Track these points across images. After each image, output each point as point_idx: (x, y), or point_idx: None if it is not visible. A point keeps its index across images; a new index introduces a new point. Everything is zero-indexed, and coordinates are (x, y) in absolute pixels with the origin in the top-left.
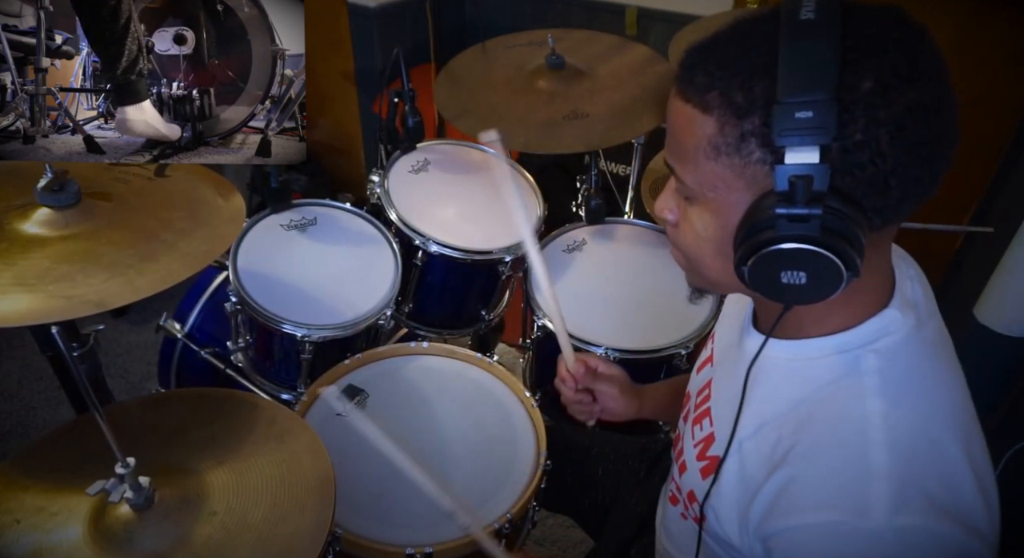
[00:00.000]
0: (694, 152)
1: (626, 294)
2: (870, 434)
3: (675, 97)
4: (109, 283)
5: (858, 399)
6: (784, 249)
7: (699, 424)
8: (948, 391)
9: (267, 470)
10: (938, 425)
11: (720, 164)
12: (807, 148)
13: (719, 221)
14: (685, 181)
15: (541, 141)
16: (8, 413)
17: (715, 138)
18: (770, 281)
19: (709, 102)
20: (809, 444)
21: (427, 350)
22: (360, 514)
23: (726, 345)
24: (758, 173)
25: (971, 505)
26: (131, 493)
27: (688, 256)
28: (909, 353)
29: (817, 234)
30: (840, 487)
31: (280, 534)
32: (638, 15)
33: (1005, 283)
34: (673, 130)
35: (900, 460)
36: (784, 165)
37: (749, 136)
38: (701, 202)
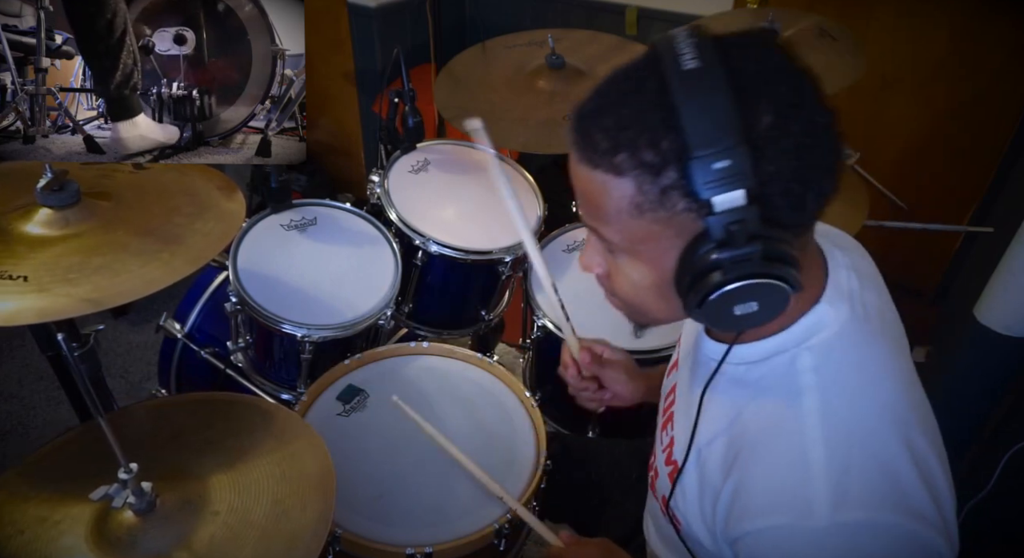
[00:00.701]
0: (616, 213)
1: None
2: (807, 433)
3: (579, 164)
4: (109, 282)
5: (795, 398)
6: (734, 289)
7: (665, 430)
8: (886, 381)
9: (267, 468)
10: (874, 417)
11: (645, 220)
12: (732, 194)
13: (654, 269)
14: (611, 240)
15: (541, 141)
16: (8, 413)
17: (635, 198)
18: (725, 317)
19: (620, 165)
20: (754, 447)
21: (427, 350)
22: (360, 514)
23: (687, 351)
24: (686, 221)
25: (914, 494)
26: (134, 498)
27: (628, 302)
28: (844, 346)
29: (760, 267)
30: (783, 489)
31: (283, 530)
32: (638, 15)
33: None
34: (586, 196)
35: (837, 456)
36: (715, 216)
37: (669, 190)
38: (631, 254)
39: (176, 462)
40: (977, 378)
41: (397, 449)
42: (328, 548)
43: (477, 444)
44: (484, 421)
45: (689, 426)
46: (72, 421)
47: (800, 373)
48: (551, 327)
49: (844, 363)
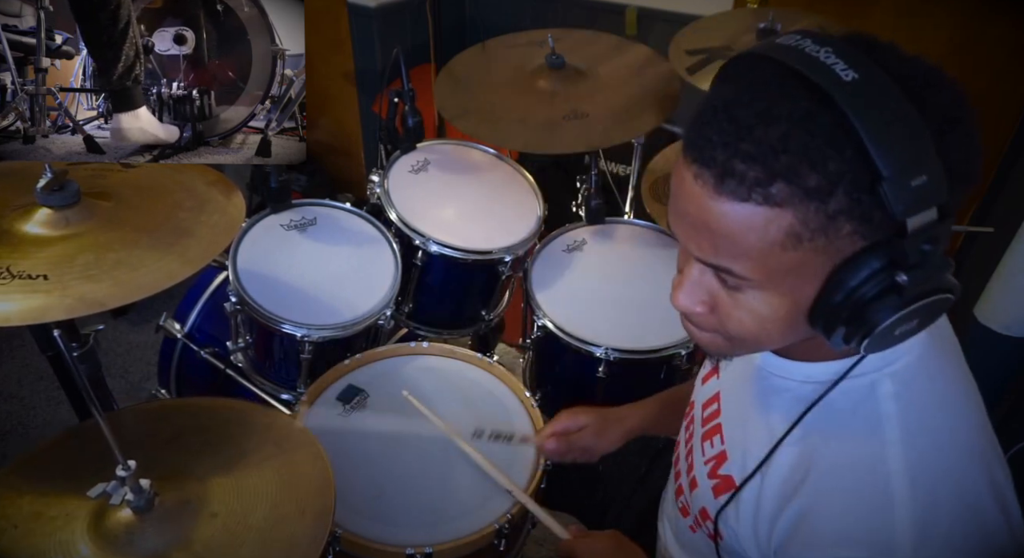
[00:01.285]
0: (762, 248)
1: (626, 294)
2: (890, 465)
3: (715, 199)
4: (109, 283)
5: (876, 427)
6: (915, 309)
7: (709, 441)
8: (967, 412)
9: (267, 473)
10: (957, 451)
11: (800, 251)
12: (926, 213)
13: (791, 299)
14: (751, 277)
15: (541, 141)
16: (8, 413)
17: (794, 229)
18: (886, 341)
19: (777, 195)
20: (827, 472)
21: (427, 350)
22: (360, 514)
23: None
24: (844, 244)
25: (995, 532)
26: (132, 495)
27: (744, 340)
28: (926, 375)
29: (942, 282)
30: (863, 521)
31: (281, 535)
32: (638, 15)
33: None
34: (720, 231)
35: (921, 491)
36: (910, 237)
37: (837, 215)
38: (768, 288)
39: (175, 463)
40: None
41: (397, 449)
42: (328, 548)
43: (477, 444)
44: (484, 421)
45: (744, 440)
46: (72, 421)
47: (881, 400)
48: (551, 327)
49: (926, 392)
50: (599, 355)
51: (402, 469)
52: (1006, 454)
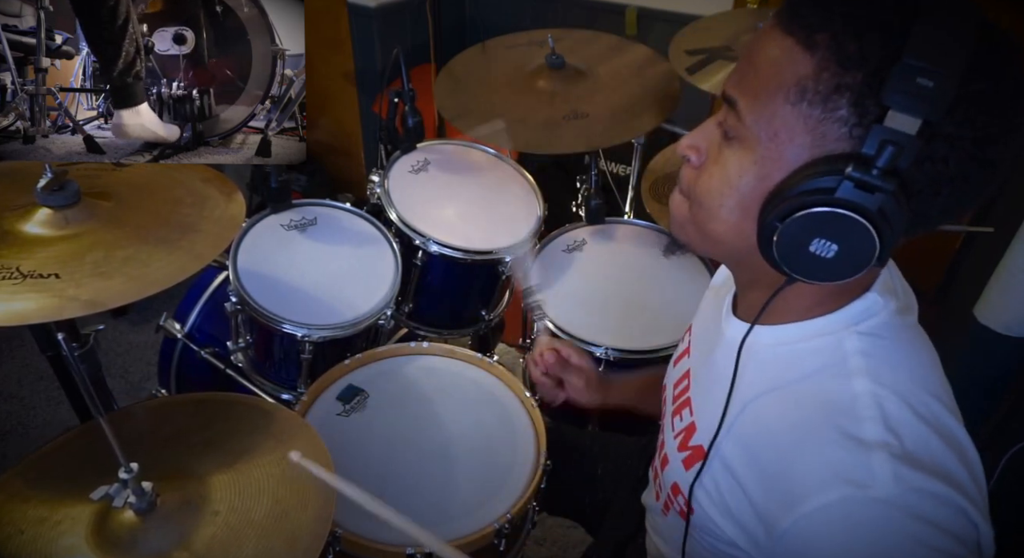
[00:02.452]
0: (774, 89)
1: (626, 294)
2: (860, 412)
3: (774, 28)
4: (109, 283)
5: (844, 380)
6: (838, 214)
7: (679, 415)
8: (928, 370)
9: (267, 468)
10: (928, 398)
11: (797, 111)
12: (910, 117)
13: (760, 172)
14: (745, 119)
15: (541, 141)
16: (8, 413)
17: (806, 81)
18: (797, 246)
19: (817, 41)
20: (800, 428)
21: (427, 350)
22: (360, 514)
23: (704, 336)
24: (830, 132)
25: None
26: (134, 498)
27: (702, 203)
28: (892, 336)
29: (875, 209)
30: (838, 464)
31: (283, 530)
32: (638, 15)
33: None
34: (756, 60)
35: (892, 434)
36: (881, 126)
37: (844, 90)
38: (747, 146)
39: (176, 462)
40: (977, 378)
41: (397, 449)
42: (328, 548)
43: (477, 444)
44: (484, 421)
45: (713, 407)
46: (72, 421)
47: (849, 355)
48: (551, 327)
49: (893, 351)
50: (599, 355)
51: (402, 469)
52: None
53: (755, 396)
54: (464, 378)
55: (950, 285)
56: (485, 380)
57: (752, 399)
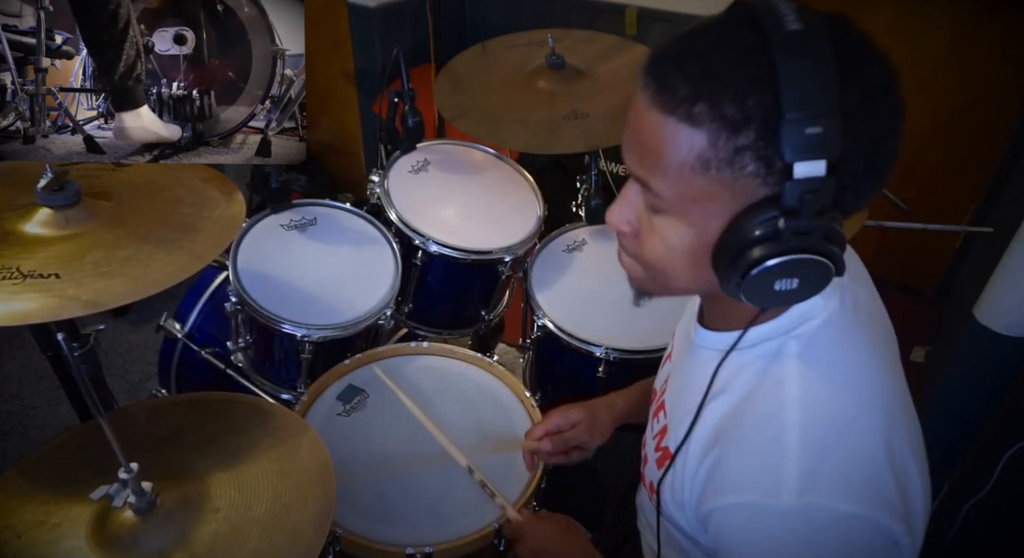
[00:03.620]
0: (678, 166)
1: (626, 294)
2: (785, 417)
3: (649, 109)
4: (109, 283)
5: (778, 385)
6: (789, 261)
7: (656, 417)
8: (869, 373)
9: (266, 465)
10: (853, 406)
11: (707, 178)
12: (815, 163)
13: (696, 232)
14: (661, 195)
15: (541, 141)
16: (8, 413)
17: (706, 153)
18: (763, 290)
19: (697, 116)
20: (736, 428)
21: (427, 350)
22: (360, 514)
23: (680, 341)
24: (748, 186)
25: (882, 483)
26: (134, 498)
27: (652, 267)
28: (830, 336)
29: (820, 244)
30: (756, 469)
31: (285, 524)
32: (638, 15)
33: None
34: (648, 144)
35: (812, 441)
36: (792, 182)
37: (744, 150)
38: (676, 215)
39: (174, 461)
40: (977, 378)
41: (397, 449)
42: (328, 548)
43: (477, 444)
44: (484, 421)
45: (682, 415)
46: (72, 421)
47: (785, 359)
48: (551, 327)
49: (828, 352)
50: (599, 355)
51: (402, 469)
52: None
53: (710, 399)
54: (464, 378)
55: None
56: (485, 380)
57: (709, 402)
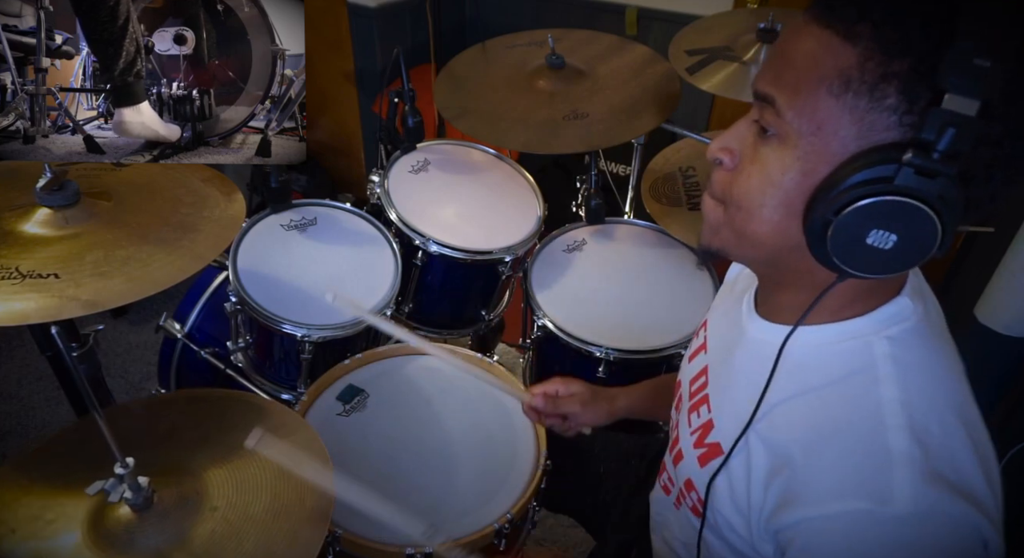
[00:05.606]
0: (815, 82)
1: (626, 294)
2: (887, 420)
3: (810, 23)
4: (122, 279)
5: (872, 386)
6: (899, 203)
7: (696, 412)
8: (957, 382)
9: (264, 464)
10: (949, 411)
11: (842, 102)
12: (968, 99)
13: (804, 168)
14: (784, 114)
15: (541, 141)
16: (8, 413)
17: (850, 71)
18: (853, 241)
19: (858, 32)
20: (824, 432)
21: None
22: (360, 514)
23: (722, 332)
24: (878, 122)
25: (982, 490)
26: (130, 493)
27: (740, 205)
28: (921, 341)
29: (938, 196)
30: (860, 474)
31: (283, 524)
32: (638, 15)
33: (1005, 283)
34: (792, 55)
35: (918, 445)
36: (940, 108)
37: (891, 78)
38: (788, 143)
39: (172, 459)
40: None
41: (397, 449)
42: (328, 548)
43: (477, 444)
44: (484, 421)
45: (732, 406)
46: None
47: (879, 361)
48: (551, 327)
49: (921, 357)
50: (599, 355)
51: (402, 469)
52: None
53: (782, 399)
54: (464, 378)
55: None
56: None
57: (779, 402)
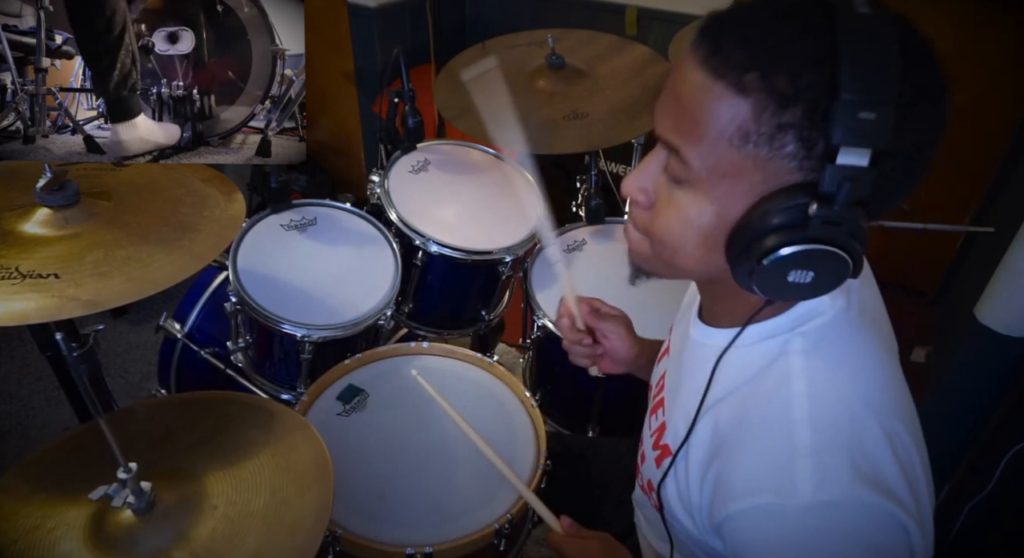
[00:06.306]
0: (715, 135)
1: (626, 294)
2: (794, 414)
3: (696, 70)
4: (109, 283)
5: (784, 381)
6: (815, 251)
7: (655, 414)
8: (873, 373)
9: (262, 460)
10: (859, 404)
11: (742, 153)
12: (860, 151)
13: (717, 210)
14: (690, 163)
15: (541, 141)
16: (8, 413)
17: (746, 124)
18: (776, 279)
19: (747, 84)
20: (741, 429)
21: (427, 350)
22: (360, 514)
23: (679, 337)
24: (781, 167)
25: (893, 479)
26: (133, 498)
27: (662, 242)
28: (835, 335)
29: (845, 239)
30: (767, 469)
31: (284, 518)
32: (638, 15)
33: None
34: (687, 105)
35: (822, 436)
36: (835, 165)
37: (787, 128)
38: (700, 189)
39: (170, 461)
40: (977, 378)
41: (397, 449)
42: (328, 548)
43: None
44: (484, 421)
45: (681, 413)
46: (72, 421)
47: (791, 356)
48: (551, 327)
49: (833, 350)
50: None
51: (402, 469)
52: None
53: (715, 401)
54: (464, 378)
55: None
56: (485, 380)
57: (712, 404)
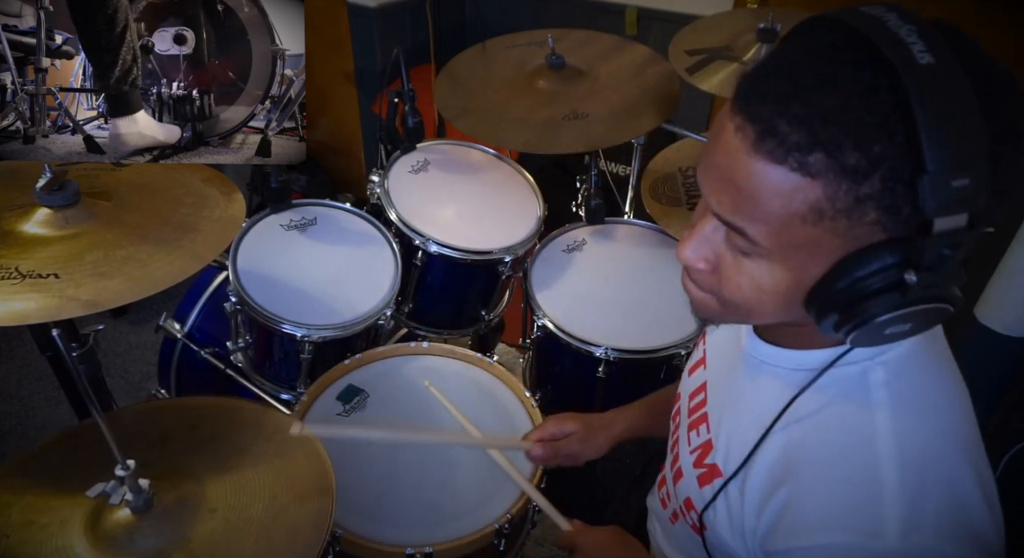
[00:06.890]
0: (787, 218)
1: (626, 294)
2: (879, 450)
3: (751, 155)
4: (109, 283)
5: (866, 413)
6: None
7: (695, 430)
8: (952, 403)
9: (262, 466)
10: (945, 440)
11: (819, 228)
12: (957, 217)
13: (795, 276)
14: (761, 243)
15: (541, 141)
16: (7, 413)
17: (819, 204)
18: (874, 334)
19: (812, 165)
20: (815, 459)
21: (427, 350)
22: (360, 514)
23: (722, 349)
24: (864, 232)
25: (980, 521)
26: (131, 495)
27: (734, 304)
28: (915, 365)
29: (948, 291)
30: (850, 506)
31: (283, 524)
32: (638, 15)
33: (1005, 283)
34: (746, 189)
35: (911, 478)
36: (934, 236)
37: (866, 200)
38: (772, 259)
39: (170, 462)
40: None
41: (397, 449)
42: (328, 548)
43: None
44: (484, 421)
45: (739, 434)
46: (72, 421)
47: (872, 388)
48: (551, 327)
49: (915, 382)
50: (599, 355)
51: (402, 469)
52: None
53: (782, 425)
54: (464, 378)
55: None
56: (485, 380)
57: (778, 428)
